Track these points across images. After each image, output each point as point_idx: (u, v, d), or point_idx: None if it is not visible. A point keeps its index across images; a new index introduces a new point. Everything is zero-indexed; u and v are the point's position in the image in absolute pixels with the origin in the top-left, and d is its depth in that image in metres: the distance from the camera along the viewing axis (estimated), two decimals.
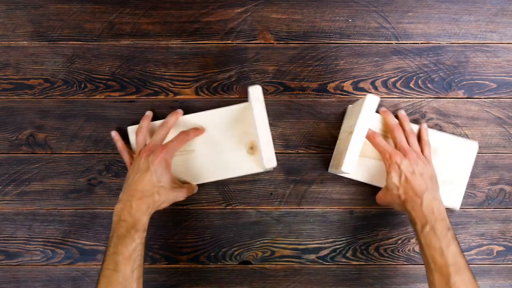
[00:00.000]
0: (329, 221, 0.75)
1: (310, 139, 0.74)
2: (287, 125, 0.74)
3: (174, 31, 0.75)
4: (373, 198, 0.74)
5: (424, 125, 0.71)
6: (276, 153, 0.74)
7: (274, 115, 0.74)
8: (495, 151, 0.75)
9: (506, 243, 0.75)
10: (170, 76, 0.75)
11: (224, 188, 0.75)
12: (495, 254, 0.75)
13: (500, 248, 0.75)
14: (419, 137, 0.71)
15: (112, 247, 0.59)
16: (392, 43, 0.75)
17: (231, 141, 0.71)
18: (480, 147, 0.74)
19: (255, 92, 0.65)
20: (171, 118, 0.70)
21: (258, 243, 0.75)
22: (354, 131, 0.63)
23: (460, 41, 0.75)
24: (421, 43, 0.74)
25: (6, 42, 0.74)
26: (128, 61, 0.75)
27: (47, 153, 0.74)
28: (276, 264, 0.75)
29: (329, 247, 0.75)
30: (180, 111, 0.71)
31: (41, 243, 0.74)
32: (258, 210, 0.75)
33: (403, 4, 0.75)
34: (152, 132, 0.71)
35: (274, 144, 0.74)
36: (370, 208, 0.75)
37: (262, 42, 0.75)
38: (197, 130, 0.71)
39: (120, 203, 0.62)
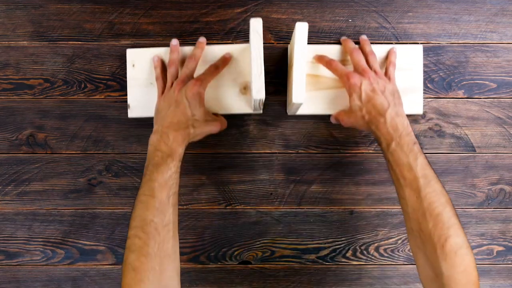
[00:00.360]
0: (329, 221, 0.75)
1: (310, 139, 0.74)
2: (287, 125, 0.74)
3: (174, 31, 0.74)
4: (373, 198, 0.74)
5: (394, 48, 0.71)
6: (276, 153, 0.74)
7: (274, 115, 0.74)
8: (495, 151, 0.75)
9: (506, 243, 0.75)
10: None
11: (224, 188, 0.75)
12: (495, 254, 0.75)
13: (500, 248, 0.75)
14: (385, 60, 0.71)
15: (148, 175, 0.60)
16: (392, 43, 0.74)
17: (227, 77, 0.71)
18: (480, 147, 0.74)
19: (256, 24, 0.62)
20: (197, 50, 0.70)
21: (258, 243, 0.75)
22: (294, 61, 0.63)
23: (460, 41, 0.75)
24: (421, 43, 0.74)
25: (6, 42, 0.74)
26: None
27: (47, 153, 0.74)
28: (276, 264, 0.75)
29: (329, 247, 0.75)
30: (203, 40, 0.71)
31: (41, 243, 0.75)
32: (258, 210, 0.75)
33: (403, 4, 0.75)
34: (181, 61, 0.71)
35: (273, 143, 0.74)
36: (370, 208, 0.75)
37: (262, 42, 0.75)
38: (225, 60, 0.70)
39: (156, 134, 0.63)
